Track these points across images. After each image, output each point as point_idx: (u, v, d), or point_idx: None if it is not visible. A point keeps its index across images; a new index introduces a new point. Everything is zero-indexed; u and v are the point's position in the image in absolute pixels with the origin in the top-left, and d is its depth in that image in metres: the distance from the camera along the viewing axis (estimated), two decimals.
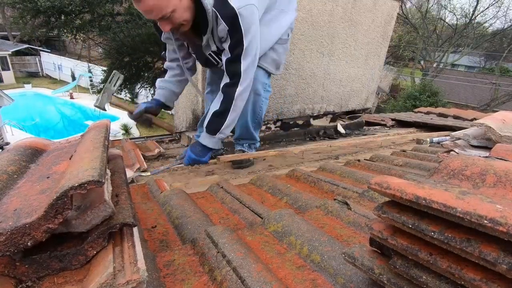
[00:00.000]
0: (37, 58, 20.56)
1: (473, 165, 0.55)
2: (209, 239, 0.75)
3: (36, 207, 0.46)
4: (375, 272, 0.51)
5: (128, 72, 6.45)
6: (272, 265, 0.70)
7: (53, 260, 0.51)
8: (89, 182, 0.47)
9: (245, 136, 1.76)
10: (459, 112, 3.63)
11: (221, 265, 0.66)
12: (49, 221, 0.46)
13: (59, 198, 0.45)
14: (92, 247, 0.53)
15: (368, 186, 0.53)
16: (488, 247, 0.39)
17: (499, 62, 18.22)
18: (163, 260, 0.72)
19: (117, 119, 12.51)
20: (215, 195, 1.22)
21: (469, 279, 0.40)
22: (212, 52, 1.42)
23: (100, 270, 0.47)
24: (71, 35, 6.12)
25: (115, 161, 0.85)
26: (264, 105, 1.71)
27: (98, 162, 0.53)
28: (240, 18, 1.20)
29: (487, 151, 1.19)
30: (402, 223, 0.47)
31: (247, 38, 1.25)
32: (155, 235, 0.89)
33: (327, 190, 1.22)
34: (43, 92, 17.36)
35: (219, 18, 1.23)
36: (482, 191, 0.51)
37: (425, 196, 0.44)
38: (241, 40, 1.24)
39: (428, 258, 0.43)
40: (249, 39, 1.26)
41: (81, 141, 0.72)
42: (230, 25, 1.22)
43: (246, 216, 0.99)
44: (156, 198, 1.17)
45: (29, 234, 0.45)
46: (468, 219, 0.38)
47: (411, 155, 1.77)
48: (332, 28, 2.37)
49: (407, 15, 17.62)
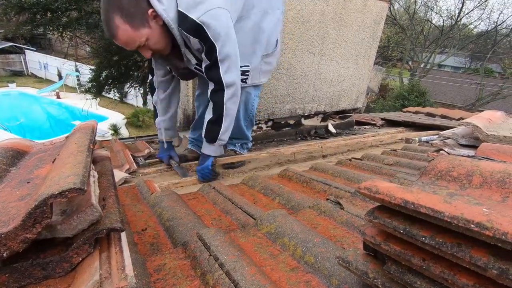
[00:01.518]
0: (21, 57, 19.93)
1: (459, 166, 0.56)
2: (201, 242, 0.74)
3: (13, 215, 0.44)
4: (369, 277, 0.51)
5: (117, 71, 6.33)
6: (266, 268, 0.69)
7: (35, 268, 0.48)
8: (70, 189, 0.45)
9: (237, 135, 1.75)
10: (446, 111, 3.71)
11: (213, 268, 0.65)
12: (27, 230, 0.43)
13: (37, 207, 0.43)
14: (78, 253, 0.50)
15: (357, 190, 0.52)
16: (479, 252, 0.38)
17: (484, 63, 18.74)
18: (154, 265, 0.70)
19: (106, 119, 12.27)
20: (206, 195, 1.20)
21: (462, 284, 0.39)
22: (195, 65, 1.42)
23: (86, 278, 0.45)
24: (57, 33, 5.95)
25: (103, 163, 0.83)
26: (255, 102, 1.69)
27: (81, 168, 0.50)
28: (204, 26, 1.20)
29: (475, 150, 1.22)
30: (394, 228, 0.46)
31: (218, 42, 1.24)
32: (146, 238, 0.87)
33: (319, 190, 1.22)
34: (28, 91, 16.86)
35: (185, 34, 1.24)
36: (469, 192, 0.51)
37: (413, 200, 0.43)
38: (213, 45, 1.24)
39: (421, 264, 0.43)
40: (221, 43, 1.25)
41: (66, 144, 0.69)
42: (197, 36, 1.24)
43: (238, 217, 0.98)
44: (147, 199, 1.14)
45: (5, 244, 0.43)
46: (456, 223, 0.38)
47: (401, 154, 1.79)
48: (323, 28, 2.38)
49: (395, 16, 17.91)
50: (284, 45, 2.22)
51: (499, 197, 0.48)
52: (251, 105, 1.67)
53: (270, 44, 1.59)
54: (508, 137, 1.17)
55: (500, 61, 19.62)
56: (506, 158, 0.87)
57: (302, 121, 2.66)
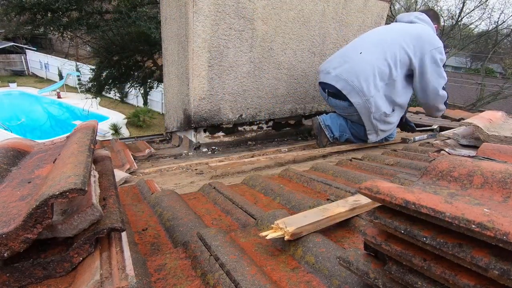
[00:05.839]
0: (22, 57, 19.95)
1: (460, 166, 0.56)
2: (202, 242, 0.74)
3: (14, 215, 0.44)
4: (370, 277, 0.51)
5: (117, 71, 6.33)
6: (266, 268, 0.69)
7: (36, 268, 0.49)
8: (71, 190, 0.45)
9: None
10: (447, 111, 3.70)
11: (214, 268, 0.65)
12: (28, 231, 0.43)
13: (38, 207, 0.43)
14: (78, 253, 0.50)
15: (358, 190, 0.52)
16: (480, 252, 0.38)
17: (484, 63, 18.71)
18: (154, 265, 0.70)
19: (106, 118, 12.28)
20: (207, 195, 1.20)
21: (463, 285, 0.39)
22: None
23: (86, 278, 0.45)
24: (58, 33, 5.96)
25: (103, 162, 0.83)
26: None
27: (82, 168, 0.50)
28: None
29: (476, 150, 1.21)
30: (394, 229, 0.46)
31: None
32: (146, 237, 0.87)
33: (320, 190, 1.22)
34: (29, 91, 16.87)
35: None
36: (470, 193, 0.51)
37: (414, 200, 0.43)
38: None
39: (422, 264, 0.43)
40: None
41: (66, 144, 0.69)
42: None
43: (239, 217, 0.98)
44: (147, 199, 1.14)
45: (6, 244, 0.43)
46: (457, 224, 0.38)
47: (402, 155, 1.79)
48: (324, 28, 2.38)
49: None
50: (285, 45, 2.22)
51: (500, 197, 0.47)
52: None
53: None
54: (509, 137, 1.17)
55: (501, 61, 19.58)
56: (507, 159, 0.87)
57: (302, 121, 2.66)
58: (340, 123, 2.16)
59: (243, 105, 2.19)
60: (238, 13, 1.93)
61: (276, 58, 2.22)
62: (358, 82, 1.93)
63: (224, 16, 1.88)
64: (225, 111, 2.13)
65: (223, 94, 2.07)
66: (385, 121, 2.07)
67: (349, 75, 1.96)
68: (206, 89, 1.99)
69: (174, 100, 2.23)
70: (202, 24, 1.82)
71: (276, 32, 2.14)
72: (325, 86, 2.12)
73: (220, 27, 1.89)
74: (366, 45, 2.04)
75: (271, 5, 2.04)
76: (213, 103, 2.05)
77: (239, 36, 1.99)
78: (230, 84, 2.08)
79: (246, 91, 2.16)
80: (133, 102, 14.62)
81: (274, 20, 2.10)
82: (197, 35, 1.83)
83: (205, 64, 1.92)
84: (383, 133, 2.16)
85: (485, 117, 1.44)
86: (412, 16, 2.18)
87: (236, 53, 2.02)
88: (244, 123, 2.30)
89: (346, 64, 2.01)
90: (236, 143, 2.30)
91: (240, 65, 2.07)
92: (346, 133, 2.19)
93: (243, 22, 1.98)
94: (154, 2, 6.13)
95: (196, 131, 2.11)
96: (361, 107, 1.98)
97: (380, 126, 2.08)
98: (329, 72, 2.06)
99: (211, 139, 2.18)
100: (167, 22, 2.12)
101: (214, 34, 1.89)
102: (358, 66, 1.96)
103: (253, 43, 2.07)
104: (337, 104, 2.12)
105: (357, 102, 1.97)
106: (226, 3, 1.86)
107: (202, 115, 2.04)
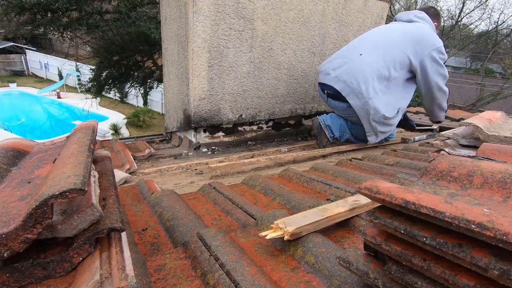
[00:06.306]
0: (22, 57, 19.95)
1: (460, 166, 0.56)
2: (201, 242, 0.74)
3: (14, 215, 0.44)
4: (370, 277, 0.51)
5: (117, 71, 6.33)
6: (266, 268, 0.69)
7: (36, 268, 0.48)
8: (71, 190, 0.45)
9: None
10: (447, 111, 3.70)
11: (213, 268, 0.65)
12: (28, 231, 0.43)
13: (38, 207, 0.43)
14: (78, 253, 0.50)
15: (357, 190, 0.52)
16: (480, 252, 0.38)
17: (484, 63, 18.71)
18: (154, 265, 0.70)
19: (106, 118, 12.28)
20: (207, 195, 1.20)
21: (463, 285, 0.39)
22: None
23: (86, 278, 0.45)
24: (58, 33, 5.96)
25: (103, 162, 0.83)
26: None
27: (82, 168, 0.50)
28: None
29: (476, 150, 1.21)
30: (394, 229, 0.46)
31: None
32: (146, 238, 0.87)
33: (320, 190, 1.22)
34: (29, 91, 16.87)
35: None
36: (469, 193, 0.51)
37: (414, 200, 0.43)
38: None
39: (422, 264, 0.43)
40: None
41: (66, 144, 0.69)
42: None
43: (239, 217, 0.98)
44: (147, 199, 1.14)
45: (6, 244, 0.43)
46: (457, 224, 0.38)
47: (401, 155, 1.79)
48: (324, 28, 2.38)
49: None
50: (285, 45, 2.22)
51: (500, 197, 0.47)
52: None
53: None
54: (508, 137, 1.17)
55: (501, 61, 19.58)
56: (507, 159, 0.87)
57: (302, 121, 2.66)
58: (341, 124, 2.16)
59: (243, 105, 2.20)
60: (238, 13, 1.93)
61: (276, 58, 2.22)
62: (357, 84, 1.93)
63: (224, 16, 1.88)
64: (225, 111, 2.13)
65: (223, 94, 2.07)
66: (385, 123, 2.07)
67: (349, 76, 1.96)
68: (206, 89, 1.99)
69: (174, 100, 2.23)
70: (202, 24, 1.82)
71: (276, 32, 2.14)
72: (324, 87, 2.12)
73: (220, 27, 1.89)
74: (366, 46, 2.04)
75: (271, 5, 2.05)
76: (213, 103, 2.06)
77: (239, 36, 1.99)
78: (230, 84, 2.08)
79: (246, 91, 2.17)
80: (133, 102, 14.62)
81: (274, 20, 2.10)
82: (197, 35, 1.83)
83: (205, 64, 1.92)
84: (383, 135, 2.16)
85: (485, 117, 1.44)
86: (412, 15, 2.17)
87: (236, 53, 2.02)
88: (244, 123, 2.30)
89: (345, 65, 2.00)
90: (236, 143, 2.30)
91: (240, 65, 2.07)
92: (346, 134, 2.19)
93: (243, 22, 1.98)
94: (154, 2, 6.13)
95: (196, 131, 2.11)
96: (359, 109, 1.98)
97: (380, 128, 2.08)
98: (328, 73, 2.05)
99: (211, 139, 2.18)
100: (167, 22, 2.12)
101: (214, 34, 1.89)
102: (358, 68, 1.96)
103: (253, 43, 2.07)
104: (336, 106, 2.12)
105: (355, 104, 1.97)
106: (226, 3, 1.86)
107: (202, 115, 2.04)
